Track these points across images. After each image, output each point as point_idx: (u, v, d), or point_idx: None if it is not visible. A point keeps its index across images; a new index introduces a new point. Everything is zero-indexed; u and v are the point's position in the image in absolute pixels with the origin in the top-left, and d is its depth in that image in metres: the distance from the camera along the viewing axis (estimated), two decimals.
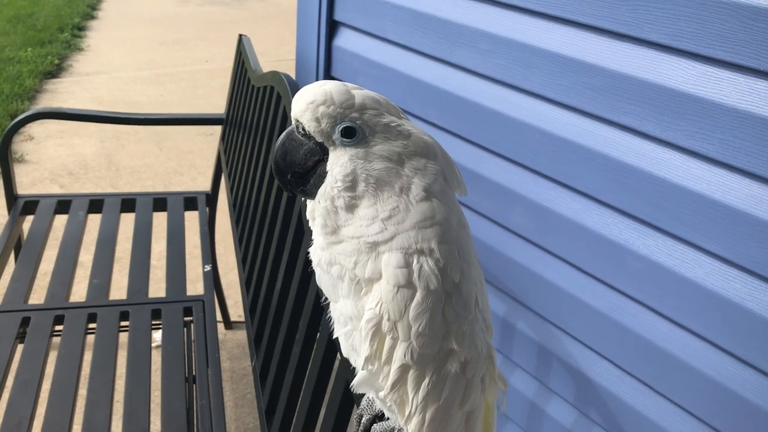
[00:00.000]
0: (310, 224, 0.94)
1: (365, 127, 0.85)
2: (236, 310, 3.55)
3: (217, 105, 5.42)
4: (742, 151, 1.38)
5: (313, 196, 0.89)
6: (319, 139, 0.88)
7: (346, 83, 0.89)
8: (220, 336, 3.38)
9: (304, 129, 0.88)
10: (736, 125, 1.38)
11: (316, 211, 0.89)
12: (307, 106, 0.86)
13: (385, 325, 0.83)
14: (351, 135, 0.85)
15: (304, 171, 0.89)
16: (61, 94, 6.70)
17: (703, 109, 1.43)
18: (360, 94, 0.87)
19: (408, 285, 0.82)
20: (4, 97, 6.14)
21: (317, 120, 0.86)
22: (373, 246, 0.83)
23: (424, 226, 0.83)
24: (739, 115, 1.37)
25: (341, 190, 0.85)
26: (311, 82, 0.91)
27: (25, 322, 2.25)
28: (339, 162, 0.86)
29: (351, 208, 0.85)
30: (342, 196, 0.85)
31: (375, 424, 0.98)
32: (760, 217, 1.37)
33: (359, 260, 0.84)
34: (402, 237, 0.83)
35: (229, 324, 3.48)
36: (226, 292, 3.51)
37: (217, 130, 3.37)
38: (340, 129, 0.85)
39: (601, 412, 1.77)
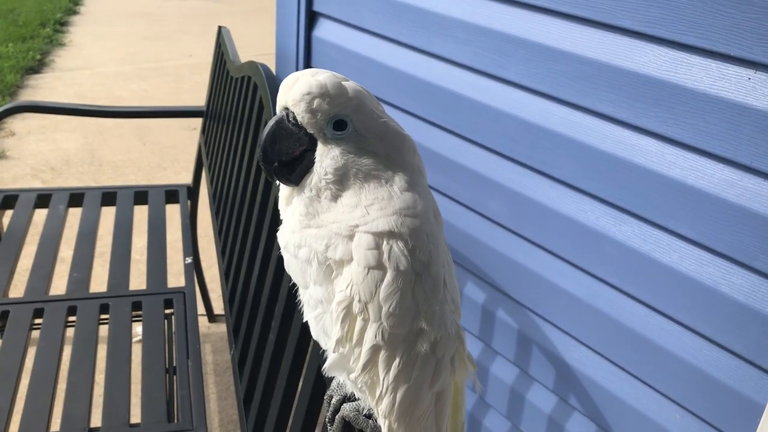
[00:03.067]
0: (281, 209, 0.94)
1: (357, 122, 0.87)
2: (220, 303, 3.54)
3: (201, 99, 5.39)
4: (714, 137, 1.39)
5: (295, 183, 0.90)
6: (311, 131, 0.88)
7: (335, 74, 0.90)
8: (203, 329, 3.38)
9: (294, 118, 0.88)
10: (707, 110, 1.39)
11: (296, 198, 0.90)
12: (303, 97, 0.86)
13: (356, 307, 0.84)
14: (341, 128, 0.87)
15: (289, 160, 0.90)
16: (42, 89, 6.65)
17: (676, 95, 1.44)
18: (351, 87, 0.88)
19: (378, 266, 0.83)
20: None
21: (312, 112, 0.87)
22: (353, 229, 0.85)
23: (406, 214, 0.85)
24: (711, 101, 1.38)
25: (330, 182, 0.87)
26: (291, 73, 0.91)
27: (4, 315, 2.23)
28: (329, 155, 0.87)
29: (335, 198, 0.87)
30: (330, 188, 0.87)
31: (345, 404, 0.99)
32: (733, 201, 1.38)
33: (331, 243, 0.85)
34: (382, 221, 0.84)
35: (212, 317, 3.48)
36: (210, 285, 3.51)
37: (200, 123, 3.36)
38: (332, 122, 0.87)
39: (581, 397, 1.78)
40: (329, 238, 0.85)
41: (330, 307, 0.87)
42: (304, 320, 0.94)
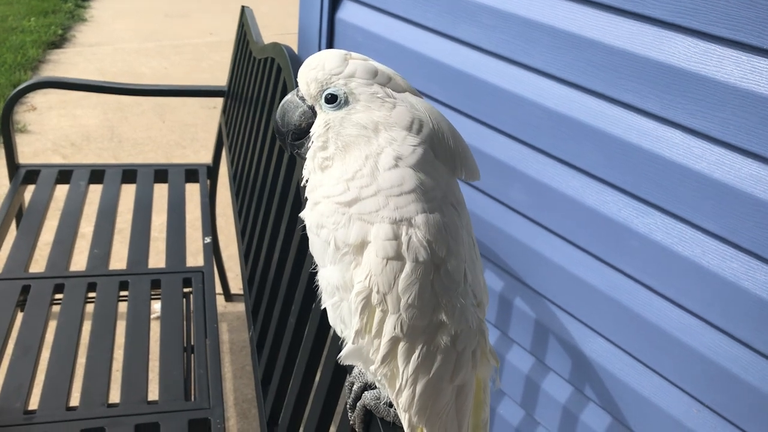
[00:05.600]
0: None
1: (349, 94, 0.88)
2: (236, 282, 3.57)
3: (221, 78, 5.39)
4: (742, 130, 1.37)
5: (304, 155, 0.93)
6: (310, 103, 0.91)
7: (351, 53, 0.91)
8: (220, 308, 3.41)
9: (300, 91, 0.93)
10: (737, 104, 1.37)
11: (304, 170, 0.93)
12: (302, 70, 0.91)
13: (375, 298, 0.83)
14: (334, 101, 0.88)
15: (299, 132, 0.93)
16: (64, 64, 6.68)
17: (705, 88, 1.42)
18: (356, 63, 0.89)
19: (397, 257, 0.82)
20: (7, 67, 6.12)
21: (307, 84, 0.90)
22: (341, 206, 0.85)
23: (392, 193, 0.83)
24: (741, 94, 1.36)
25: (316, 150, 0.89)
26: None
27: (26, 290, 2.27)
28: (318, 123, 0.90)
29: (324, 168, 0.89)
30: (317, 157, 0.89)
31: (366, 392, 0.99)
32: (759, 196, 1.37)
33: (337, 221, 0.85)
34: (370, 201, 0.83)
35: (229, 296, 3.50)
36: (227, 265, 3.53)
37: (220, 102, 3.36)
38: (324, 94, 0.88)
39: (596, 388, 1.78)
40: (333, 214, 0.85)
41: (347, 295, 0.86)
42: (322, 307, 0.94)
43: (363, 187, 0.84)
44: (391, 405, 0.96)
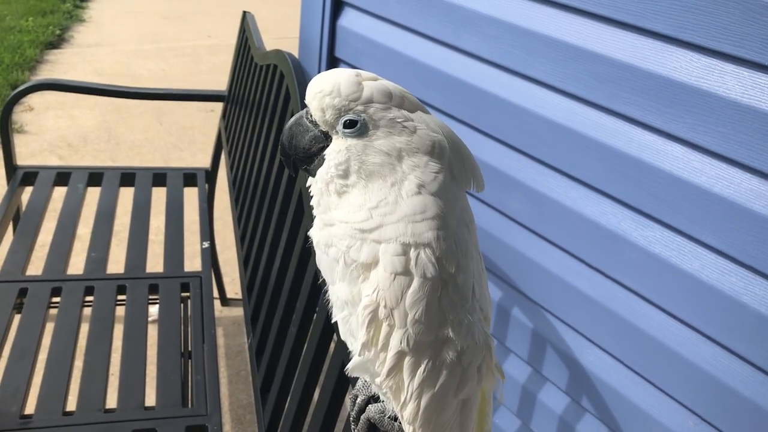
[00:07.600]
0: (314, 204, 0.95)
1: (369, 120, 0.86)
2: (233, 287, 3.56)
3: (219, 81, 5.39)
4: (743, 146, 1.38)
5: (314, 175, 0.91)
6: (324, 128, 0.89)
7: (362, 72, 0.89)
8: (215, 313, 3.39)
9: (311, 115, 0.90)
10: (737, 119, 1.38)
11: (312, 188, 0.91)
12: (315, 95, 0.88)
13: (382, 312, 0.83)
14: (352, 126, 0.86)
15: (307, 156, 0.91)
16: (61, 65, 6.67)
17: (706, 102, 1.43)
18: (371, 86, 0.87)
19: (405, 272, 0.82)
20: (4, 67, 6.11)
21: (322, 110, 0.87)
22: (360, 232, 0.84)
23: (414, 220, 0.83)
24: (741, 109, 1.37)
25: (334, 176, 0.87)
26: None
27: (23, 292, 2.26)
28: (336, 149, 0.87)
29: (342, 194, 0.87)
30: (334, 182, 0.87)
31: (370, 405, 0.99)
32: (759, 211, 1.38)
33: (351, 244, 0.85)
34: (390, 228, 0.83)
35: (225, 301, 3.50)
36: (223, 269, 3.52)
37: (218, 106, 3.36)
38: (343, 121, 0.86)
39: (593, 399, 1.79)
40: (348, 238, 0.85)
41: (356, 309, 0.87)
42: (333, 320, 0.94)
43: (386, 215, 0.84)
44: (395, 419, 0.96)
